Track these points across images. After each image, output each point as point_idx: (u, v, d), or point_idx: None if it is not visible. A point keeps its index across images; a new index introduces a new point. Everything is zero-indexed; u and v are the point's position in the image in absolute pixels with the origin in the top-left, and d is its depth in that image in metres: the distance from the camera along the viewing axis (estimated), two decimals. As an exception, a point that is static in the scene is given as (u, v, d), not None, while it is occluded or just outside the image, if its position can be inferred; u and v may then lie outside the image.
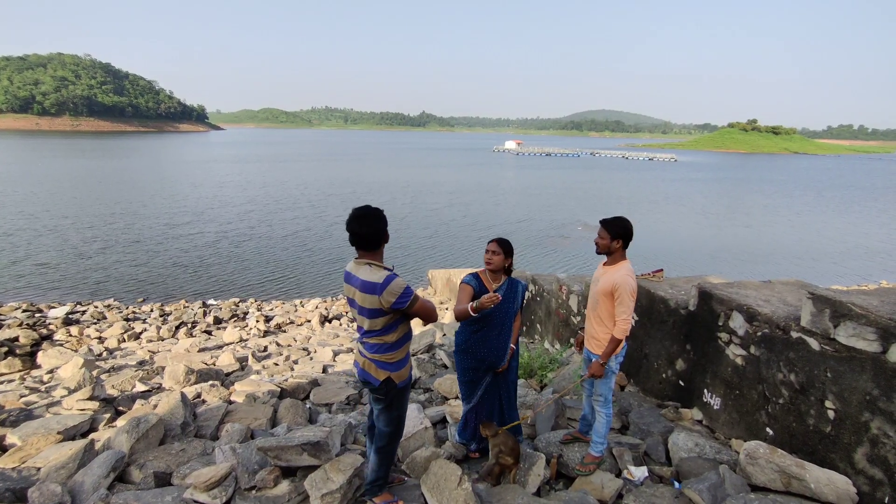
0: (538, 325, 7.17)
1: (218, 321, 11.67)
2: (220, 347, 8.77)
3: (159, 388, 5.33)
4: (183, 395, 4.04)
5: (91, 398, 4.43)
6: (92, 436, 3.77)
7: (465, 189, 40.24)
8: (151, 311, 12.51)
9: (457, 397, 5.17)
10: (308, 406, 4.87)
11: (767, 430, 3.07)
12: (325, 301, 14.13)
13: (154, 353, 8.21)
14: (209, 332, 10.67)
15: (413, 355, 6.86)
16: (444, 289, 14.12)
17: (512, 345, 3.16)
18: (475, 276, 3.06)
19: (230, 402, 4.77)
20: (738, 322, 3.26)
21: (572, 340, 6.06)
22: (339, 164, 61.53)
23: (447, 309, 12.00)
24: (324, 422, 4.30)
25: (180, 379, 5.33)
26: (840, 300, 2.64)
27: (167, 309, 12.76)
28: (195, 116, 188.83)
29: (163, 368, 6.24)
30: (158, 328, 10.53)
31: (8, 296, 13.46)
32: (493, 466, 2.94)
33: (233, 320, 11.90)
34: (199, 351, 8.16)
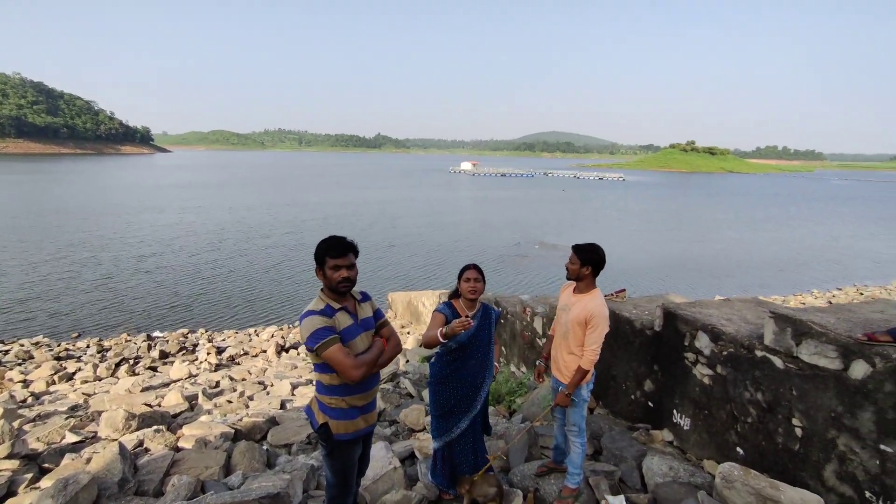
0: (503, 349, 7.10)
1: (164, 355, 10.86)
2: (166, 385, 8.10)
3: (94, 438, 4.78)
4: (121, 446, 3.62)
5: (10, 456, 3.90)
6: (9, 502, 3.29)
7: (422, 210, 40.30)
8: (87, 347, 11.49)
9: (424, 429, 4.96)
10: (265, 448, 4.51)
11: (738, 449, 3.09)
12: (282, 329, 13.51)
13: (89, 395, 7.45)
14: (154, 369, 9.89)
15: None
16: (404, 312, 13.88)
17: (496, 363, 3.11)
18: (448, 304, 2.96)
19: (177, 450, 4.34)
20: (703, 342, 3.30)
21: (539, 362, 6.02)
22: (295, 188, 60.24)
23: (408, 333, 11.76)
24: (283, 465, 3.98)
25: (119, 426, 4.82)
26: (800, 319, 2.71)
27: (106, 344, 11.76)
28: (139, 138, 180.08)
29: (99, 414, 5.64)
30: (95, 367, 9.65)
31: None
32: None
33: (181, 354, 11.12)
34: (142, 391, 7.50)
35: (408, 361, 8.41)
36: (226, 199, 43.89)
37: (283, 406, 6.35)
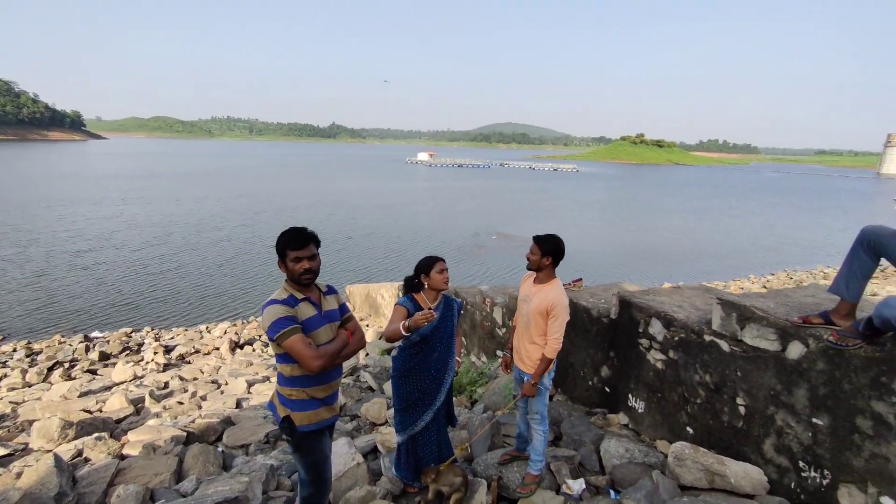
0: (463, 339, 7.15)
1: (105, 357, 10.20)
2: (108, 389, 7.62)
3: (25, 450, 4.43)
4: (57, 458, 3.37)
5: (-72, 474, 3.54)
6: (-72, 525, 2.99)
7: (380, 201, 39.81)
8: (14, 350, 10.61)
9: (386, 423, 4.93)
10: (221, 450, 4.33)
11: (688, 429, 3.26)
12: (235, 325, 13.01)
13: (18, 404, 6.87)
14: (93, 372, 9.26)
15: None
16: (363, 305, 13.70)
17: (457, 358, 3.11)
18: (410, 298, 2.93)
19: (122, 457, 4.10)
20: (656, 328, 3.44)
21: (499, 352, 6.10)
22: (248, 178, 57.85)
23: (367, 326, 11.63)
24: (241, 467, 3.84)
25: (54, 435, 4.48)
26: (744, 304, 2.88)
27: (36, 347, 10.90)
28: (69, 123, 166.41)
29: (30, 423, 5.23)
30: (24, 372, 8.91)
31: None
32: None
33: (124, 354, 10.48)
34: (79, 396, 7.00)
35: (367, 355, 8.32)
36: (172, 189, 41.52)
37: (238, 405, 6.13)
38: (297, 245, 2.23)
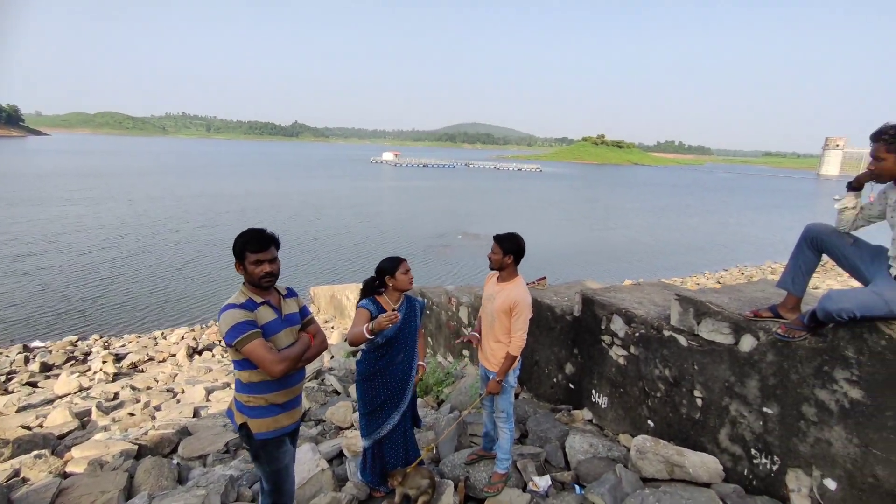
0: (429, 339, 7.12)
1: (47, 368, 9.56)
2: (49, 402, 7.15)
3: (-44, 472, 4.08)
4: (-8, 479, 3.12)
5: None
6: None
7: (345, 202, 39.25)
8: (-55, 364, 9.80)
9: (352, 426, 4.84)
10: (176, 462, 4.13)
11: (649, 422, 3.34)
12: (193, 330, 12.50)
13: (-51, 421, 6.36)
14: (34, 384, 8.66)
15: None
16: (328, 306, 13.47)
17: (420, 362, 3.06)
18: (372, 300, 2.86)
19: (65, 476, 3.84)
20: (618, 325, 3.52)
21: (465, 352, 6.11)
22: (206, 177, 55.73)
23: (332, 328, 11.43)
24: (197, 479, 3.66)
25: (-11, 455, 4.16)
26: (700, 300, 2.98)
27: (-30, 360, 10.11)
28: (5, 118, 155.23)
29: (-38, 442, 4.82)
30: (-44, 386, 8.26)
31: None
32: None
33: (69, 364, 9.87)
34: (17, 411, 6.53)
35: (332, 357, 8.16)
36: (123, 189, 39.50)
37: (196, 414, 5.87)
38: (256, 247, 2.15)
